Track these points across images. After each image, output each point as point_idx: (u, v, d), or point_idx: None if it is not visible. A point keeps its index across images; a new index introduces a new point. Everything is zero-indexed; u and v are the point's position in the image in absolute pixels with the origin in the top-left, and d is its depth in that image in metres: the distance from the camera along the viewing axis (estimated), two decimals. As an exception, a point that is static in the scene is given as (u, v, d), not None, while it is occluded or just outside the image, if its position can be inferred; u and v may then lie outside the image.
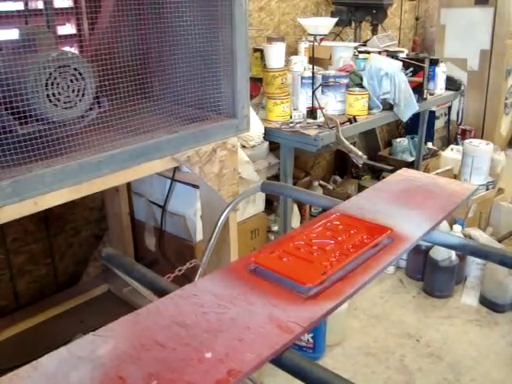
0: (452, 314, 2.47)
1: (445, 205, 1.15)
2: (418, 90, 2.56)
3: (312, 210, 3.12)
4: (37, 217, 2.16)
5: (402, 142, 3.84)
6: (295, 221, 2.82)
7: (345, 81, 2.37)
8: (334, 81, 2.35)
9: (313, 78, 2.27)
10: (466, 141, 3.39)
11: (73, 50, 1.80)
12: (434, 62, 2.80)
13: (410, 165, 3.39)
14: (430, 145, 3.78)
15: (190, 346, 0.69)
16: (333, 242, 0.95)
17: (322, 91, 2.35)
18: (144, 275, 0.98)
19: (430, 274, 2.65)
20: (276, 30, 3.04)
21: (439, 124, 4.15)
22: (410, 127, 3.82)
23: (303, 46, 2.59)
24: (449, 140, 4.24)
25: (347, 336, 2.33)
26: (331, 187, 3.48)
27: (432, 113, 3.86)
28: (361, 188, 3.32)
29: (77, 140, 1.30)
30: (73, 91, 1.26)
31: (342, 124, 2.18)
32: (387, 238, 0.97)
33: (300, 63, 2.45)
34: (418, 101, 2.51)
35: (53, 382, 0.64)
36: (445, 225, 2.62)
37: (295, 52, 2.73)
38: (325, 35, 2.32)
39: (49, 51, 1.22)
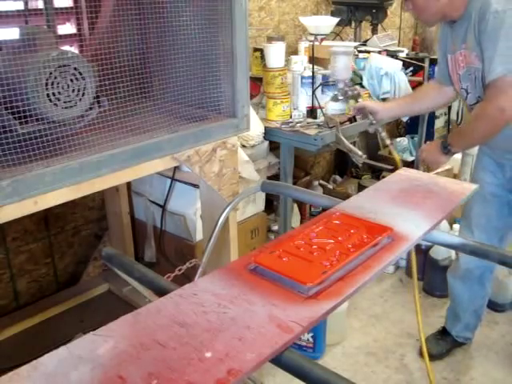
0: (452, 314, 2.47)
1: (445, 204, 1.15)
2: (417, 89, 2.56)
3: (312, 209, 3.13)
4: (37, 216, 2.16)
5: (402, 141, 3.84)
6: (295, 220, 2.82)
7: (345, 80, 2.37)
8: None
9: (313, 77, 2.27)
10: (466, 140, 3.37)
11: (73, 49, 1.80)
12: (434, 62, 2.80)
13: (410, 164, 3.39)
14: (429, 144, 3.77)
15: (190, 345, 0.69)
16: (333, 241, 0.95)
17: (322, 91, 2.35)
18: (144, 275, 0.98)
19: (429, 274, 2.65)
20: (276, 29, 3.04)
21: (439, 123, 4.14)
22: (410, 127, 3.82)
23: (303, 46, 2.59)
24: (449, 139, 4.23)
25: (347, 335, 2.33)
26: (331, 187, 3.48)
27: (432, 112, 3.85)
28: (361, 187, 3.33)
29: (77, 140, 1.30)
30: (73, 91, 1.26)
31: (341, 123, 2.18)
32: (387, 237, 0.97)
33: (300, 63, 2.45)
34: (417, 100, 2.51)
35: (53, 382, 0.64)
36: (445, 224, 2.62)
37: (295, 52, 2.73)
38: (326, 35, 2.32)
39: (49, 51, 1.22)
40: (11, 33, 1.37)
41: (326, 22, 2.31)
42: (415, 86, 2.54)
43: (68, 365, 0.66)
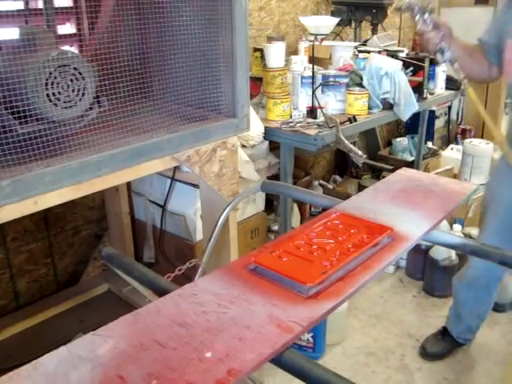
0: (452, 314, 2.47)
1: (445, 204, 1.15)
2: (418, 89, 2.56)
3: (312, 209, 3.12)
4: (37, 216, 2.16)
5: (402, 141, 3.84)
6: (295, 220, 2.82)
7: (345, 80, 2.37)
8: (334, 80, 2.35)
9: (313, 77, 2.27)
10: (466, 140, 3.39)
11: (73, 49, 1.80)
12: (434, 62, 2.80)
13: (410, 164, 3.39)
14: (429, 144, 3.78)
15: (190, 345, 0.69)
16: (333, 241, 0.95)
17: (322, 91, 2.35)
18: (144, 275, 0.98)
19: (429, 274, 2.65)
20: (276, 29, 3.04)
21: (439, 123, 4.15)
22: (410, 127, 3.82)
23: (303, 46, 2.59)
24: (449, 139, 4.24)
25: (347, 336, 2.33)
26: (331, 187, 3.48)
27: (432, 112, 3.86)
28: (361, 187, 3.32)
29: (77, 140, 1.30)
30: (73, 91, 1.26)
31: (341, 123, 2.18)
32: (387, 237, 0.97)
33: (300, 63, 2.45)
34: (417, 100, 2.51)
35: (53, 382, 0.64)
36: (445, 224, 2.62)
37: (295, 51, 2.73)
38: (326, 35, 2.32)
39: (49, 51, 1.22)
40: (11, 33, 1.37)
41: (326, 22, 2.31)
42: (415, 85, 2.54)
43: (68, 365, 0.66)
